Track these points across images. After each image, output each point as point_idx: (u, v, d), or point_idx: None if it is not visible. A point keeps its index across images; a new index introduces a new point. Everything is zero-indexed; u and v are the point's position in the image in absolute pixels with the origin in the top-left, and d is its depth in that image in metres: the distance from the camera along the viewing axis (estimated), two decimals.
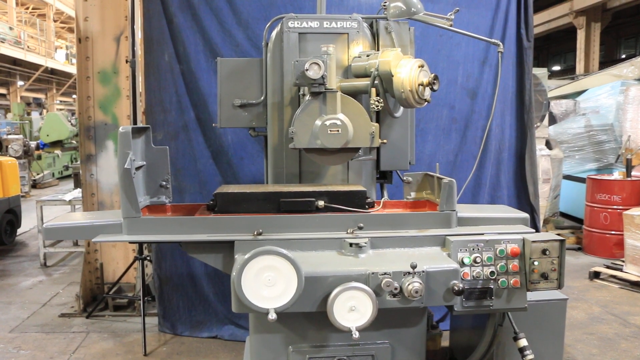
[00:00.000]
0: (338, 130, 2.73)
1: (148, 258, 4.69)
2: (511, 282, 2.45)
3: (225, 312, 4.56)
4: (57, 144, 16.11)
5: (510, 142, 4.85)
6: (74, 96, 26.75)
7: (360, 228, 2.55)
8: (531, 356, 2.63)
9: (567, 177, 8.66)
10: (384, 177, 3.57)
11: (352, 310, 2.21)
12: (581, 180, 8.12)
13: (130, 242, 4.83)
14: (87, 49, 5.17)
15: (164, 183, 2.97)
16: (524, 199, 4.89)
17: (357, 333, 2.20)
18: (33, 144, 14.32)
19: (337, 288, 2.20)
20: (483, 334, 2.81)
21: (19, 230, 8.61)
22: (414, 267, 2.24)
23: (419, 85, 2.71)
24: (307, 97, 2.81)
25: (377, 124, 2.84)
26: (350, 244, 2.43)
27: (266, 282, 2.20)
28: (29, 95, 27.16)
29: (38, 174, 14.47)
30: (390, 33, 3.23)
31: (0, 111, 23.02)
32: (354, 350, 2.50)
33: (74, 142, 16.49)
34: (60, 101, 29.32)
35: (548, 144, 7.88)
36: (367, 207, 2.72)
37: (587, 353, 4.32)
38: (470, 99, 4.70)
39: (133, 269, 5.15)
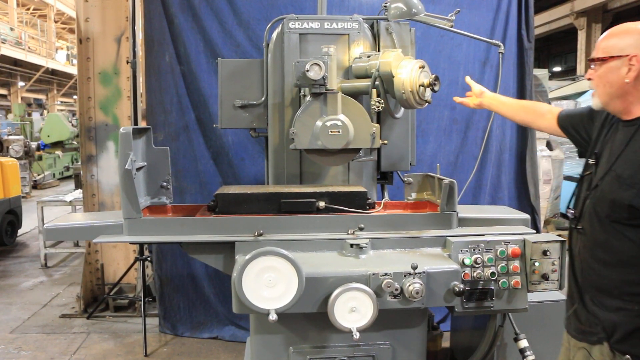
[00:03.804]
0: (339, 131, 2.73)
1: (149, 259, 4.70)
2: (512, 283, 2.45)
3: (226, 312, 4.56)
4: (58, 144, 16.11)
5: (511, 143, 4.85)
6: (75, 97, 26.76)
7: (361, 229, 2.55)
8: (532, 357, 2.63)
9: (568, 178, 8.64)
10: (384, 177, 3.57)
11: (353, 311, 2.21)
12: None
13: (131, 243, 4.83)
14: (88, 49, 5.18)
15: (165, 184, 2.97)
16: (524, 199, 4.88)
17: (358, 334, 2.20)
18: (34, 144, 14.32)
19: (338, 289, 2.19)
20: (484, 335, 2.80)
21: (20, 231, 8.62)
22: (414, 267, 2.24)
23: (419, 86, 2.71)
24: (308, 98, 2.81)
25: (377, 125, 2.84)
26: (351, 245, 2.43)
27: (267, 282, 2.20)
28: (29, 96, 27.17)
29: (39, 175, 14.47)
30: (391, 34, 3.23)
31: (1, 112, 23.05)
32: (355, 351, 2.49)
33: (74, 142, 16.49)
34: (61, 102, 29.33)
35: (549, 145, 7.88)
36: (367, 207, 2.71)
37: None
38: None
39: (134, 270, 5.16)
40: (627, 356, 1.80)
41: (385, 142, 2.95)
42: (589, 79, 1.97)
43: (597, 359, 1.89)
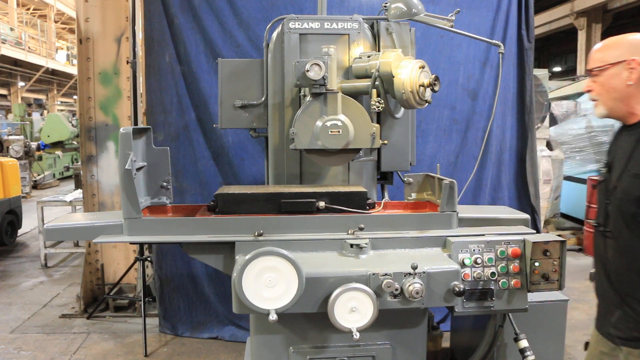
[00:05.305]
0: (339, 131, 2.73)
1: (149, 259, 4.70)
2: (512, 283, 2.45)
3: (226, 312, 4.56)
4: (58, 144, 16.12)
5: (511, 143, 4.85)
6: (75, 97, 26.74)
7: (361, 229, 2.55)
8: (532, 357, 2.63)
9: (568, 178, 8.65)
10: (384, 178, 3.57)
11: (353, 311, 2.21)
12: (582, 181, 8.11)
13: (131, 243, 4.83)
14: (88, 49, 5.18)
15: (165, 184, 2.97)
16: (524, 200, 4.88)
17: (358, 334, 2.20)
18: (34, 144, 14.32)
19: (338, 289, 2.19)
20: (484, 335, 2.80)
21: (20, 231, 8.62)
22: (414, 268, 2.24)
23: (419, 86, 2.71)
24: (308, 98, 2.81)
25: (377, 125, 2.84)
26: (351, 245, 2.43)
27: (267, 283, 2.20)
28: (29, 96, 27.16)
29: (39, 175, 14.47)
30: (391, 34, 3.23)
31: (1, 112, 23.04)
32: (355, 351, 2.49)
33: (74, 142, 16.50)
34: (61, 102, 29.30)
35: (549, 145, 7.88)
36: (367, 208, 2.71)
37: None
38: (471, 100, 4.70)
39: (134, 270, 5.16)
40: None
41: (385, 142, 2.95)
42: (589, 91, 2.05)
43: None
